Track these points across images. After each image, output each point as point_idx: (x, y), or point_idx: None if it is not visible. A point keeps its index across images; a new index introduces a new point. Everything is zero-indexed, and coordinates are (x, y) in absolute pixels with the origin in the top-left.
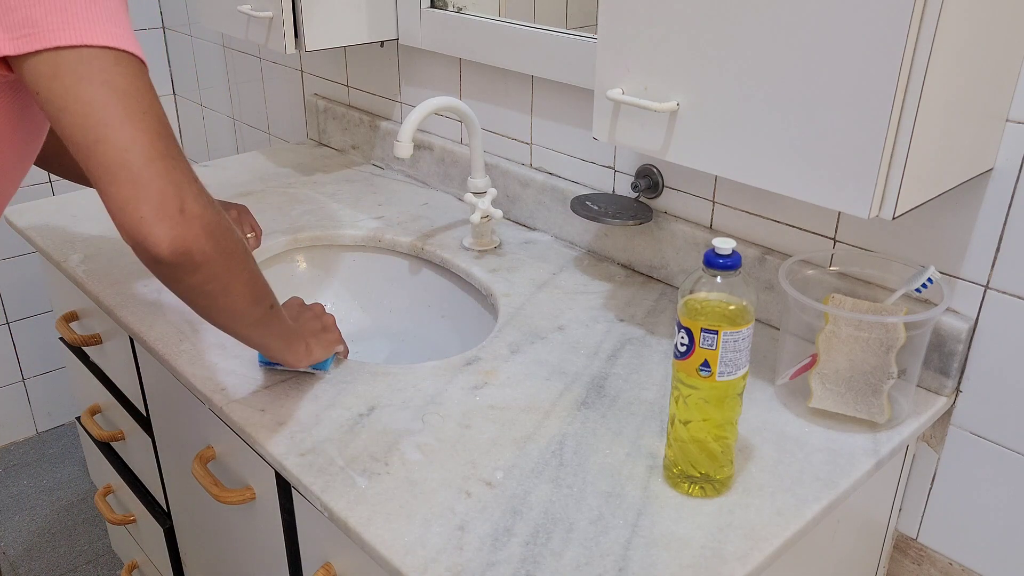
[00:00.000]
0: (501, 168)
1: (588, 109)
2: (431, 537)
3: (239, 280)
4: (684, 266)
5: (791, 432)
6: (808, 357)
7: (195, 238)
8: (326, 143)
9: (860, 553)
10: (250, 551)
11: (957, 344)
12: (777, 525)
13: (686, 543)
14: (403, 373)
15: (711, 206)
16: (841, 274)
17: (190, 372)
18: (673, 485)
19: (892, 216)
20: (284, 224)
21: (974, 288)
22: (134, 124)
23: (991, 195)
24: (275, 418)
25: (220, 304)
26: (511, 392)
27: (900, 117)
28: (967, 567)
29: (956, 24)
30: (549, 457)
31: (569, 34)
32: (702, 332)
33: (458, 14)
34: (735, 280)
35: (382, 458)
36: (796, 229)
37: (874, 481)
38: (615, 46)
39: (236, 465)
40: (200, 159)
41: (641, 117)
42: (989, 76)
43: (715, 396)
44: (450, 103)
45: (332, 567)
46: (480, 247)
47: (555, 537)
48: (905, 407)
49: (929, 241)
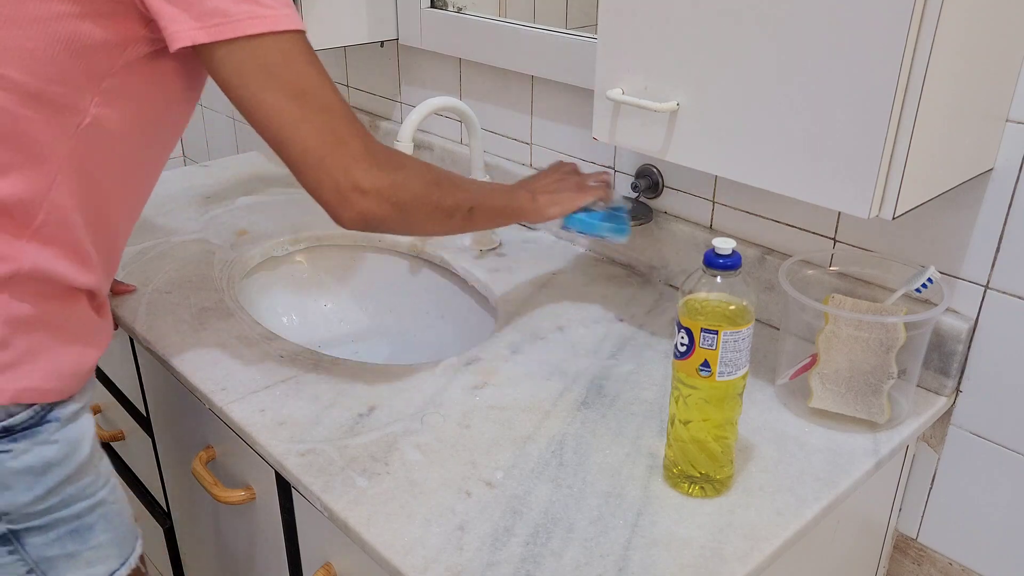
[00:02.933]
0: (501, 168)
1: (588, 109)
2: (431, 537)
3: (423, 221)
4: (684, 266)
5: (791, 432)
6: (808, 357)
7: (369, 210)
8: None
9: (860, 553)
10: (250, 551)
11: (957, 344)
12: (777, 525)
13: (686, 543)
14: (403, 373)
15: (711, 206)
16: (841, 274)
17: (190, 372)
18: (673, 485)
19: (892, 216)
20: (284, 224)
21: (974, 288)
22: (310, 124)
23: (991, 195)
24: (275, 418)
25: (417, 232)
26: (511, 392)
27: (900, 117)
28: (967, 567)
29: (956, 24)
30: (549, 457)
31: (569, 34)
32: (702, 332)
33: (458, 14)
34: (735, 280)
35: (382, 458)
36: (796, 229)
37: (874, 481)
38: (615, 46)
39: (236, 465)
40: (200, 159)
41: (641, 117)
42: (989, 76)
43: (715, 396)
44: (450, 103)
45: (332, 567)
46: (480, 247)
47: (555, 537)
48: (905, 407)
49: (929, 241)
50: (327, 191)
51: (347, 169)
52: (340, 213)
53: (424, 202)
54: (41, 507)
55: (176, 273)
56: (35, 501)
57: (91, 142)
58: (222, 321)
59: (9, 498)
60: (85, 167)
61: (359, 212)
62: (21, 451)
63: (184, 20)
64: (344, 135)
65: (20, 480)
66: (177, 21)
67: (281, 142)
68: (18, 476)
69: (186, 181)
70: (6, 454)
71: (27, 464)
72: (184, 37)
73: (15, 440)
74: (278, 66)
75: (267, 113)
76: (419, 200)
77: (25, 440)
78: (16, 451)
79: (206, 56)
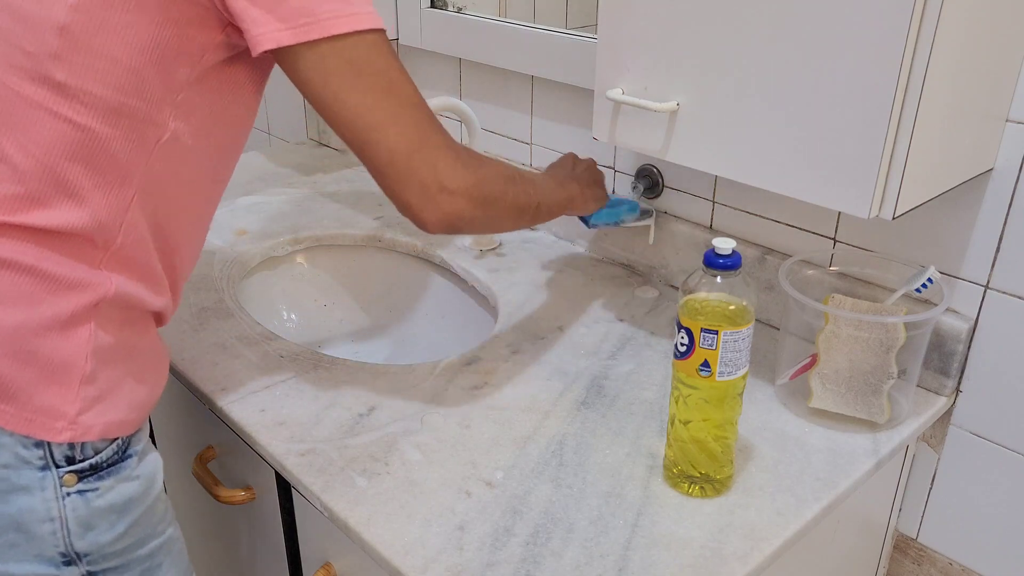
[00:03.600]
0: None
1: (588, 109)
2: (431, 537)
3: (502, 219)
4: (684, 266)
5: (791, 432)
6: (808, 357)
7: (455, 211)
8: (326, 143)
9: (860, 553)
10: (250, 551)
11: (957, 344)
12: (777, 525)
13: (686, 543)
14: (403, 373)
15: (711, 206)
16: (841, 274)
17: (190, 372)
18: (673, 485)
19: (892, 216)
20: (284, 224)
21: (974, 288)
22: (396, 125)
23: (991, 195)
24: (275, 418)
25: (494, 230)
26: (511, 392)
27: (900, 117)
28: (967, 567)
29: (956, 24)
30: (549, 457)
31: (569, 34)
32: (702, 332)
33: (458, 14)
34: (735, 280)
35: (382, 458)
36: (796, 229)
37: (874, 481)
38: (615, 46)
39: (236, 465)
40: None
41: (641, 117)
42: (989, 76)
43: (715, 396)
44: (450, 103)
45: (332, 567)
46: (480, 247)
47: (555, 537)
48: (905, 407)
49: (929, 241)
50: (413, 193)
51: (435, 168)
52: (425, 216)
53: (503, 200)
54: (120, 547)
55: None
56: (115, 540)
57: (167, 157)
58: (222, 321)
59: (92, 539)
60: (160, 184)
61: (446, 213)
62: (107, 488)
63: (269, 22)
64: (429, 133)
65: (104, 519)
66: (261, 23)
67: (367, 143)
68: (103, 515)
69: None
70: (93, 492)
71: (111, 502)
72: (269, 40)
73: (102, 478)
74: (364, 65)
75: (353, 114)
76: (499, 199)
77: (111, 477)
78: (102, 489)
79: (288, 58)
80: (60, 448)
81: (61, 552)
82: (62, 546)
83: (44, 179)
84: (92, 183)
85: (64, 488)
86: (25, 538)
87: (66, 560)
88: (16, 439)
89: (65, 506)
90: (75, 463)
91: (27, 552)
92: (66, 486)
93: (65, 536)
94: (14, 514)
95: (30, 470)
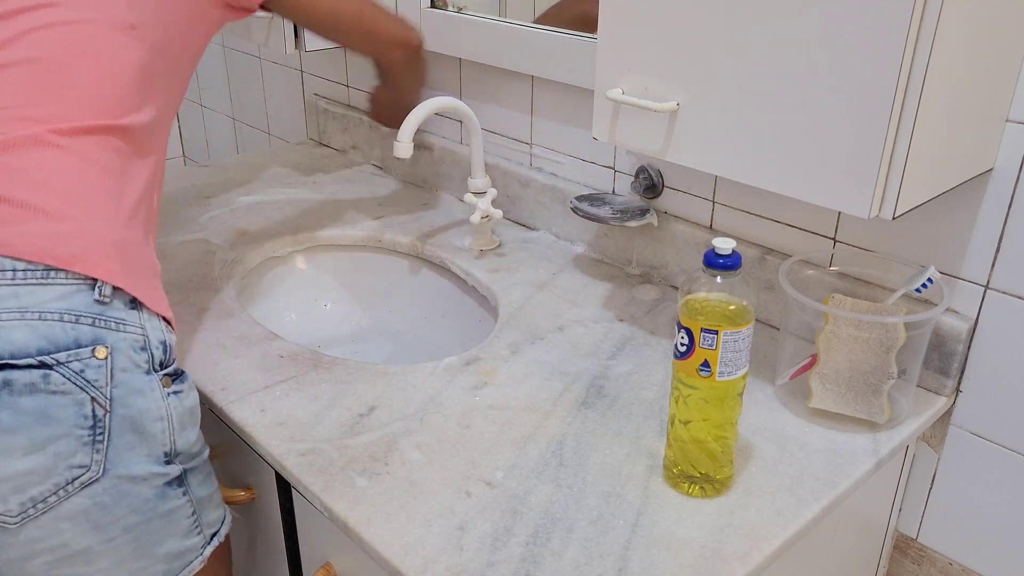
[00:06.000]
0: (501, 168)
1: (588, 109)
2: (431, 537)
3: None
4: (684, 266)
5: (791, 432)
6: (808, 357)
7: None
8: (326, 143)
9: (860, 553)
10: (250, 551)
11: (957, 344)
12: (777, 525)
13: (686, 543)
14: (403, 373)
15: (711, 206)
16: (841, 274)
17: (190, 372)
18: (673, 485)
19: (892, 216)
20: (284, 224)
21: (974, 288)
22: None
23: (991, 195)
24: (275, 418)
25: None
26: (511, 392)
27: (900, 117)
28: (967, 567)
29: (956, 24)
30: (549, 457)
31: (569, 34)
32: (702, 332)
33: (458, 14)
34: (735, 280)
35: (382, 458)
36: (796, 229)
37: (874, 481)
38: (615, 46)
39: (236, 465)
40: (200, 159)
41: (641, 117)
42: (989, 76)
43: (715, 396)
44: (450, 103)
45: (332, 567)
46: (480, 247)
47: (555, 537)
48: (905, 407)
49: (929, 241)
50: None
51: None
52: None
53: None
54: (196, 448)
55: (176, 273)
56: (195, 441)
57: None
58: (222, 321)
59: (185, 437)
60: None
61: None
62: (187, 391)
63: None
64: None
65: (189, 420)
66: None
67: None
68: (188, 416)
69: (186, 181)
70: (181, 394)
71: (190, 405)
72: None
73: (183, 381)
74: None
75: None
76: None
77: (184, 383)
78: (185, 391)
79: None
80: (157, 351)
81: (166, 451)
82: (168, 444)
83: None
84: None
85: (164, 389)
86: (140, 439)
87: (167, 459)
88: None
89: (169, 404)
90: (166, 367)
91: (141, 453)
92: (165, 387)
93: (171, 434)
94: (134, 416)
95: (140, 374)
